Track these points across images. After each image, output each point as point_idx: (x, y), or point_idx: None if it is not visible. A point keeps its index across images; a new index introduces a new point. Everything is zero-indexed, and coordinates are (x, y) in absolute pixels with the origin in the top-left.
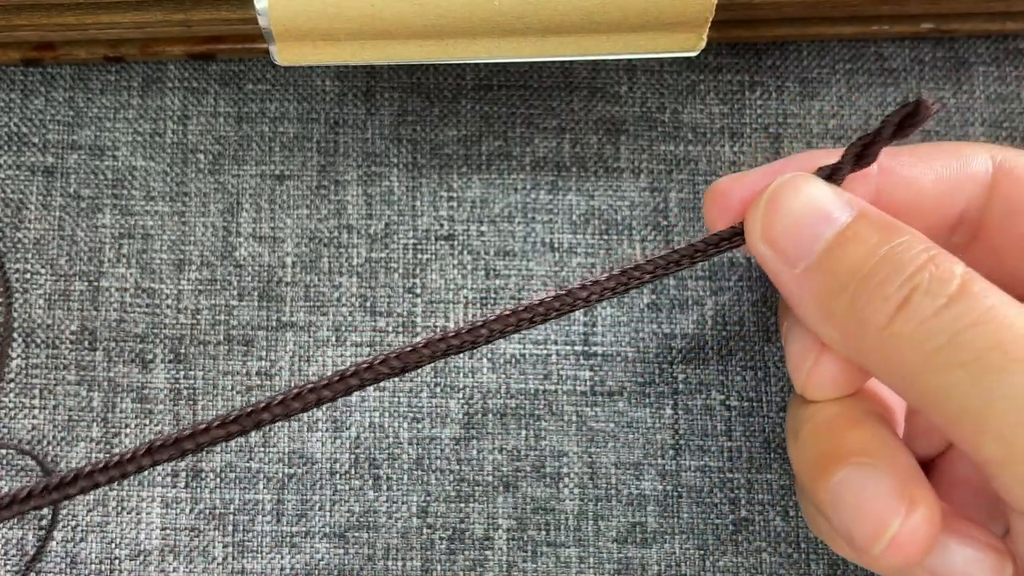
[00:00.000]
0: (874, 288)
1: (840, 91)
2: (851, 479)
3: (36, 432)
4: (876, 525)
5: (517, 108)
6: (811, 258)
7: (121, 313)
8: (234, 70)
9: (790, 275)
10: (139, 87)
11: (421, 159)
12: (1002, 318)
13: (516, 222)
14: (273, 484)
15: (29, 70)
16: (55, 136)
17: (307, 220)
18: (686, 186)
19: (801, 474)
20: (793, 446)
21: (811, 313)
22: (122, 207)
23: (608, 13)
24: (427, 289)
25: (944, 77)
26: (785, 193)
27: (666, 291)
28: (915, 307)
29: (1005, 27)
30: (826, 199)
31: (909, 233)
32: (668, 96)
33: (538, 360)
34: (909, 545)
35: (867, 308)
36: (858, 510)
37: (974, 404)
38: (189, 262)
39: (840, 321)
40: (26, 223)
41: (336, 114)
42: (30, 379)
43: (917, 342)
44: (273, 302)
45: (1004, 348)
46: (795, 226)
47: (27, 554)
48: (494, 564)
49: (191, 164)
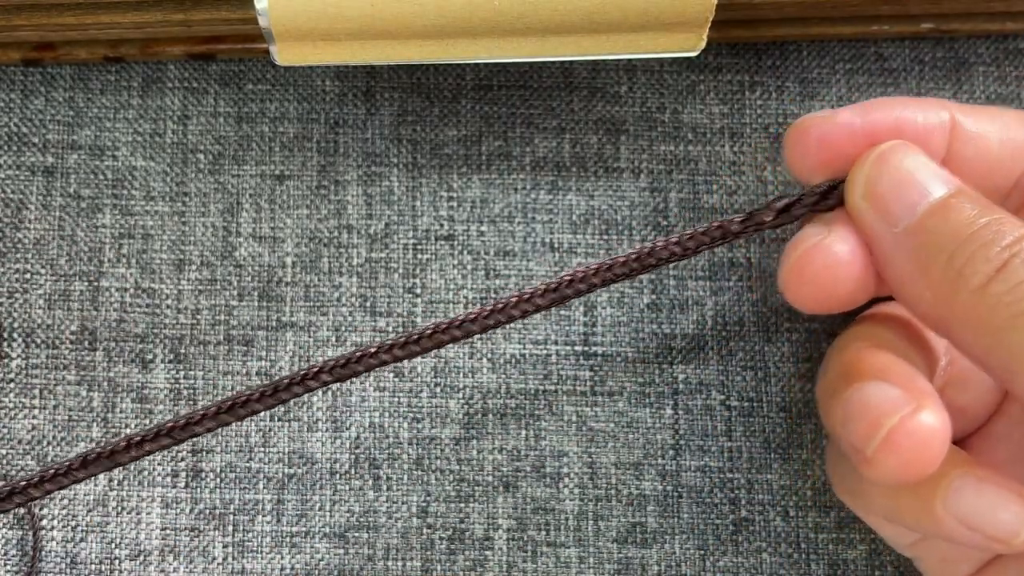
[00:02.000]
0: (976, 251)
1: (840, 91)
2: (863, 390)
3: (36, 432)
4: (873, 422)
5: (517, 108)
6: (912, 219)
7: (121, 313)
8: (234, 70)
9: (889, 233)
10: (139, 87)
11: (421, 159)
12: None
13: (516, 222)
14: (273, 484)
15: (29, 70)
16: (55, 136)
17: (307, 220)
18: (686, 186)
19: (822, 401)
20: (821, 381)
21: (905, 271)
22: (122, 207)
23: (608, 13)
24: (427, 289)
25: (944, 77)
26: (893, 155)
27: (666, 291)
28: (1012, 271)
29: (1005, 27)
30: (930, 169)
31: (1004, 212)
32: (668, 96)
33: (538, 360)
34: (905, 444)
35: (967, 268)
36: (862, 412)
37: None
38: (189, 262)
39: (935, 279)
40: (26, 223)
41: (336, 114)
42: (30, 379)
43: (1010, 303)
44: (273, 302)
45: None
46: (900, 187)
47: (27, 554)
48: (494, 564)
49: (191, 164)
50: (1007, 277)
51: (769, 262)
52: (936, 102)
